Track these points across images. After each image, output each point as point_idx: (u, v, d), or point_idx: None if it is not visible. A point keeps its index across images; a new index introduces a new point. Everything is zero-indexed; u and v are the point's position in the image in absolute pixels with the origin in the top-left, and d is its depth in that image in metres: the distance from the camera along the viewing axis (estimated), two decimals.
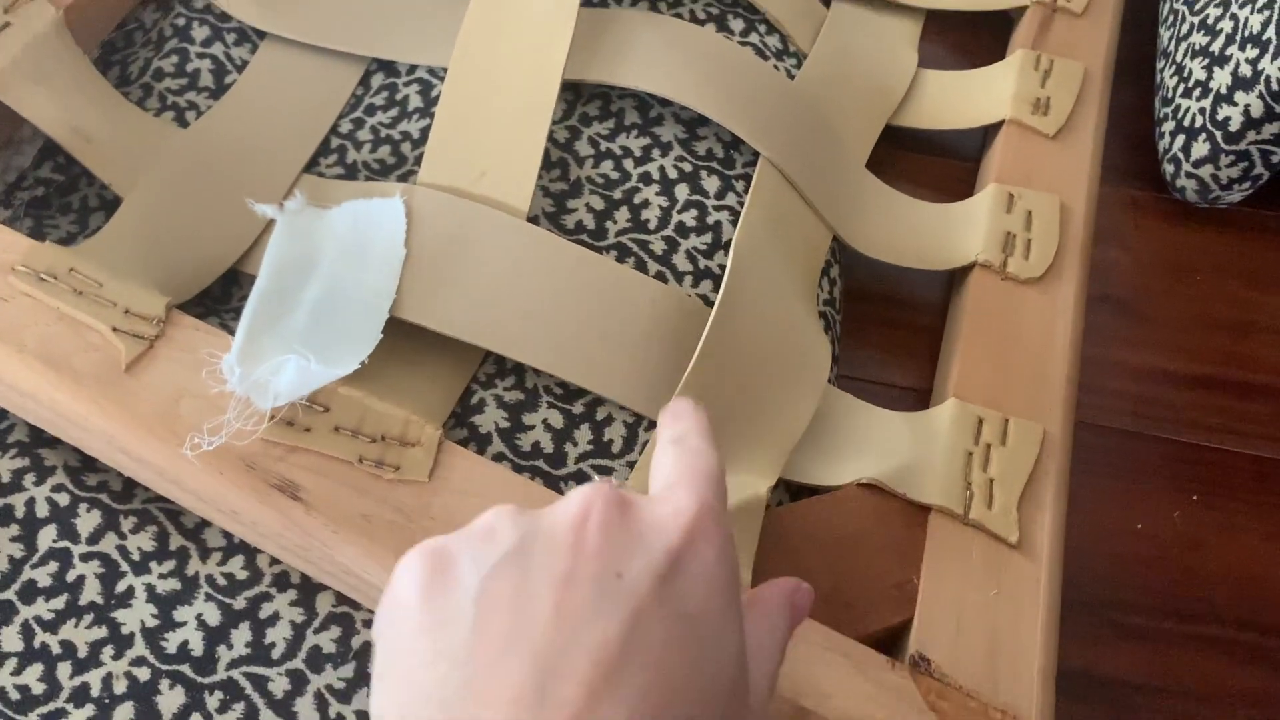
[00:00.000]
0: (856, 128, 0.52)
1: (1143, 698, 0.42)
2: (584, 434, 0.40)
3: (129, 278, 0.39)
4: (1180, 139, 0.52)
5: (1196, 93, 0.51)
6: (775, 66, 0.51)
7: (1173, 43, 0.55)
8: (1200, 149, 0.51)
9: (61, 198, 0.46)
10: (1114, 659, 0.43)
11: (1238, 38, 0.49)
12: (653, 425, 0.40)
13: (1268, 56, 0.47)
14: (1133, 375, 0.50)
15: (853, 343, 0.49)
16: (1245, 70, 0.48)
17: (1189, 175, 0.52)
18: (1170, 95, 0.53)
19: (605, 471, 0.39)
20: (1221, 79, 0.50)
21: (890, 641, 0.37)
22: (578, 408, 0.40)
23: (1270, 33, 0.47)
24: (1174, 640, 0.43)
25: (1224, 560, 0.45)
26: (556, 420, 0.40)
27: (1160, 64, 0.56)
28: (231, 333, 0.39)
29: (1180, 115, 0.52)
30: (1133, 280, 0.52)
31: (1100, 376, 0.49)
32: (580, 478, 0.39)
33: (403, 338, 0.40)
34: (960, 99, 0.54)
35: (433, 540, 0.25)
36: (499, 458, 0.39)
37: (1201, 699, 0.42)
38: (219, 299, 0.43)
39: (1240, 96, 0.49)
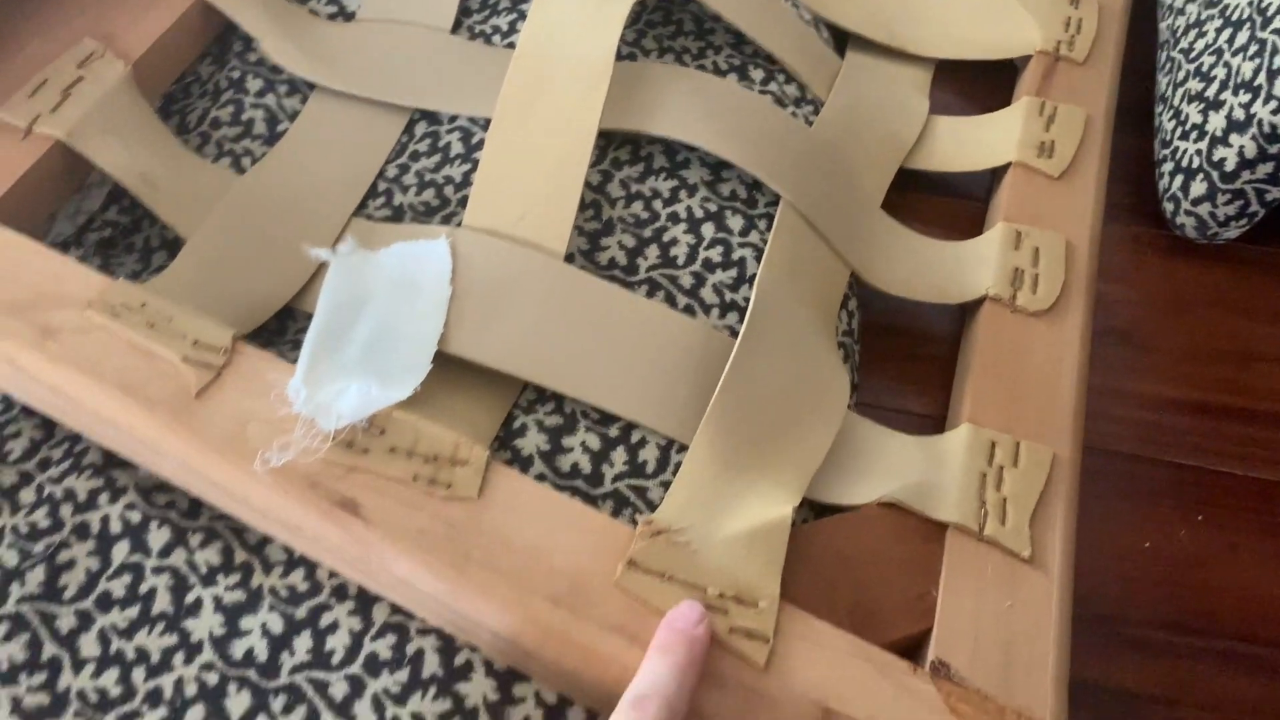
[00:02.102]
0: (871, 171, 0.55)
1: (1153, 709, 0.44)
2: (620, 455, 0.43)
3: (195, 312, 0.42)
4: (1179, 179, 0.55)
5: (1194, 135, 0.54)
6: (793, 113, 0.54)
7: (1170, 88, 0.58)
8: (1198, 188, 0.54)
9: (126, 238, 0.49)
10: (1125, 672, 0.45)
11: (1230, 84, 0.52)
12: (684, 448, 0.42)
13: (1259, 101, 0.50)
14: (1138, 403, 0.52)
15: (870, 373, 0.52)
16: (1239, 114, 0.51)
17: (1188, 213, 0.55)
18: (1169, 138, 0.56)
19: (641, 492, 0.42)
20: (1217, 122, 0.53)
21: (911, 651, 0.39)
22: (613, 431, 0.43)
23: (1261, 79, 0.50)
24: (1182, 653, 0.45)
25: (1229, 578, 0.47)
26: (594, 443, 0.43)
27: (1159, 108, 0.59)
28: (290, 363, 0.42)
29: (1179, 156, 0.55)
30: (1135, 313, 0.55)
31: (1106, 404, 0.52)
32: (618, 497, 0.42)
33: (450, 369, 0.43)
34: (969, 143, 0.57)
35: None
36: (540, 478, 0.42)
37: (1209, 709, 0.44)
38: (275, 332, 0.46)
39: (1235, 139, 0.51)
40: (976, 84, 0.62)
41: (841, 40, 0.61)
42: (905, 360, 0.53)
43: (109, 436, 0.40)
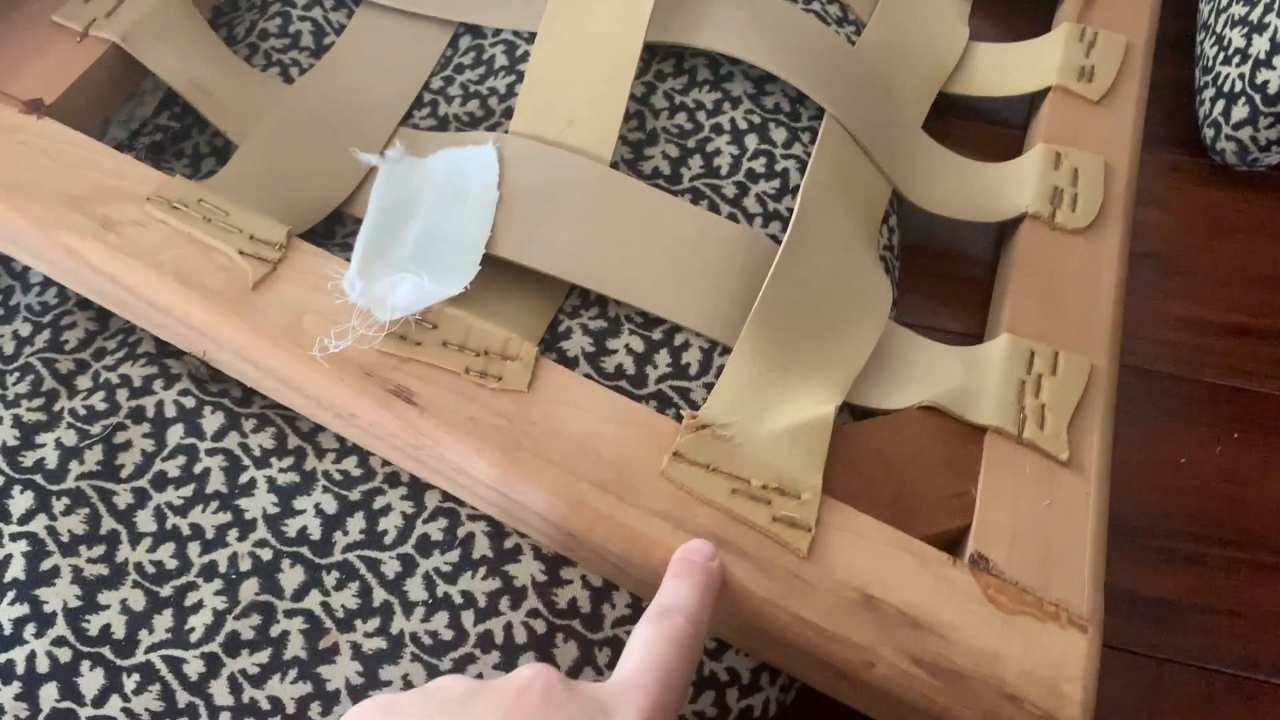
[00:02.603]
0: (912, 93, 0.55)
1: (1187, 615, 0.45)
2: (663, 358, 0.43)
3: (251, 209, 0.43)
4: (1220, 104, 0.55)
5: (1236, 59, 0.54)
6: (836, 32, 0.54)
7: (1213, 14, 0.57)
8: (1240, 112, 0.54)
9: (176, 144, 0.50)
10: (1159, 580, 0.45)
11: (1275, 5, 0.52)
12: (727, 351, 0.43)
13: None
14: (1174, 324, 0.52)
15: (908, 292, 0.52)
16: None
17: (1229, 138, 0.55)
18: (1210, 64, 0.56)
19: (683, 393, 0.43)
20: (1260, 45, 0.52)
21: (950, 546, 0.40)
22: (657, 334, 0.44)
23: None
24: (1216, 564, 0.46)
25: (1262, 493, 0.47)
26: (638, 345, 0.43)
27: (1201, 35, 0.59)
28: (344, 260, 0.43)
29: (1220, 81, 0.55)
30: (1173, 238, 0.55)
31: (1143, 325, 0.52)
32: (661, 398, 0.42)
33: (497, 272, 0.43)
34: (1009, 68, 0.57)
35: (384, 696, 0.29)
36: (586, 378, 0.42)
37: (1240, 615, 0.44)
38: (325, 235, 0.47)
39: (1278, 60, 0.51)
40: (1015, 12, 0.62)
41: None
42: (943, 280, 0.53)
43: (166, 326, 0.41)
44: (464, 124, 0.50)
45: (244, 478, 0.39)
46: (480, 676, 0.34)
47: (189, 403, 0.41)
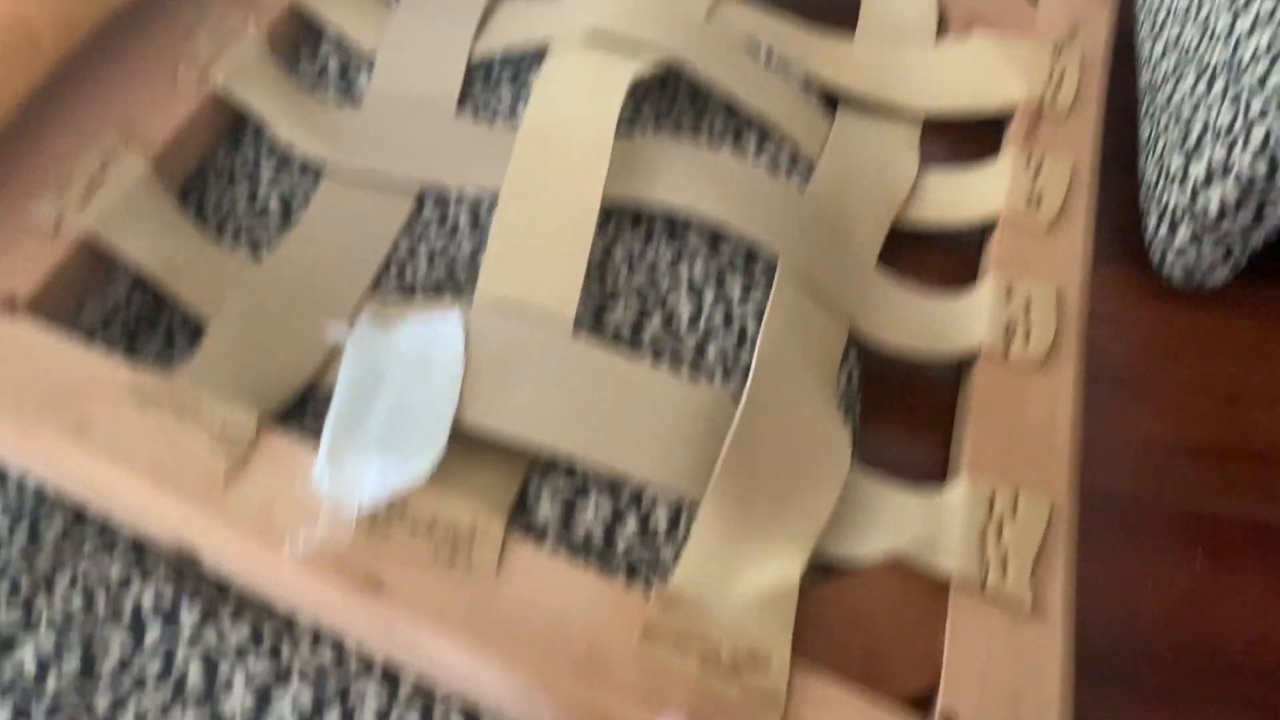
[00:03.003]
0: (865, 228, 0.56)
1: None
2: (632, 521, 0.44)
3: (221, 397, 0.44)
4: (1164, 226, 0.56)
5: (1176, 183, 0.56)
6: (788, 176, 0.56)
7: (1151, 137, 0.59)
8: (1183, 235, 0.55)
9: (150, 320, 0.51)
10: (1131, 713, 0.46)
11: (1210, 132, 0.54)
12: (694, 511, 0.44)
13: (1238, 148, 0.52)
14: (1136, 445, 0.53)
15: (871, 425, 0.53)
16: (1219, 162, 0.53)
17: (1174, 261, 0.56)
18: (1153, 185, 0.58)
19: (653, 556, 0.43)
20: (1197, 170, 0.54)
21: (923, 702, 0.41)
22: (625, 497, 0.45)
23: (1238, 127, 0.52)
24: (1187, 696, 0.46)
25: (1232, 621, 0.48)
26: (606, 509, 0.44)
27: (1142, 157, 0.60)
28: (314, 441, 0.44)
29: (1162, 203, 0.57)
30: (1129, 357, 0.57)
31: (1103, 447, 0.53)
32: (630, 563, 0.43)
33: (467, 441, 0.44)
34: (959, 197, 0.59)
35: None
36: (556, 544, 0.43)
37: None
38: (297, 411, 0.48)
39: (1215, 186, 0.53)
40: (965, 137, 0.64)
41: (832, 103, 0.63)
42: (905, 411, 0.54)
43: (141, 522, 0.42)
44: (430, 291, 0.51)
45: (222, 676, 0.40)
46: None
47: (166, 596, 0.41)
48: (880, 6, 0.66)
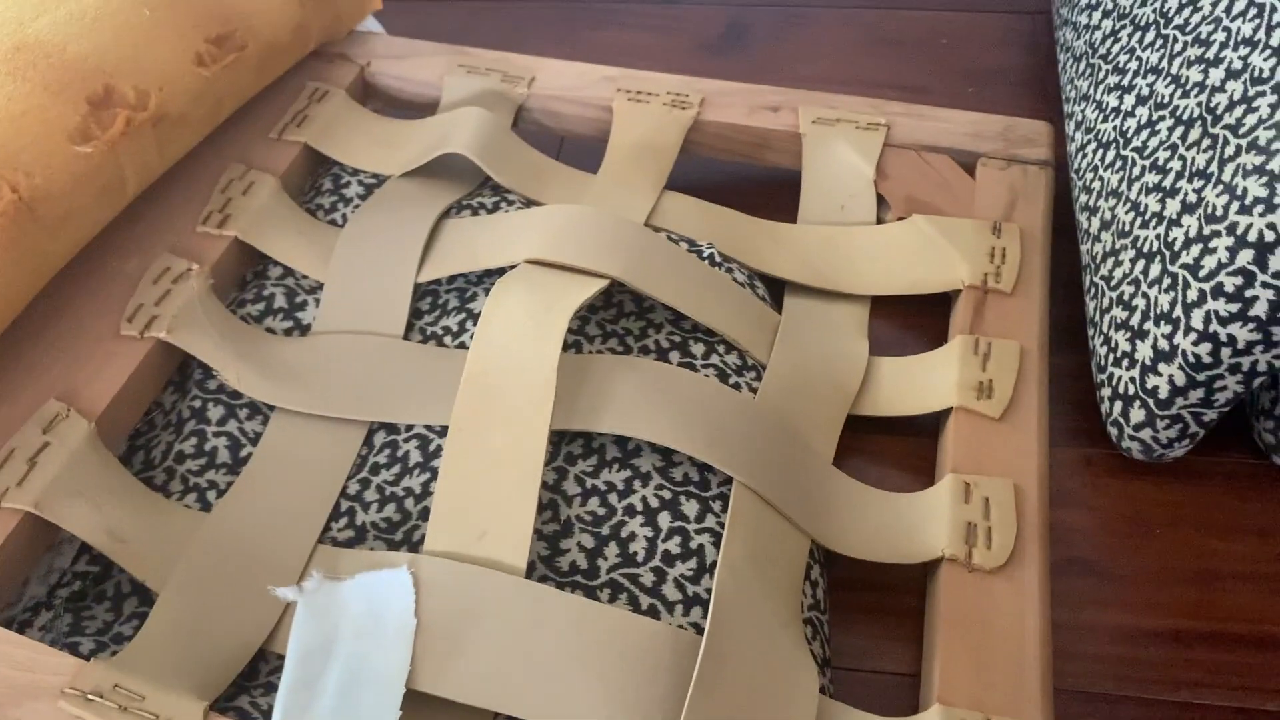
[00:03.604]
0: (820, 427, 0.56)
1: None
2: None
3: (169, 679, 0.43)
4: (1118, 405, 0.56)
5: (1125, 363, 0.56)
6: (736, 383, 0.56)
7: (1098, 314, 0.60)
8: (1137, 415, 0.55)
9: (97, 586, 0.50)
10: None
11: (1151, 314, 0.54)
12: None
13: (1180, 333, 0.52)
14: (1109, 637, 0.52)
15: (843, 631, 0.53)
16: (1163, 344, 0.53)
17: (1132, 438, 0.56)
18: (1103, 363, 0.58)
19: None
20: (1144, 351, 0.54)
21: None
22: None
23: (1178, 311, 0.52)
24: None
25: None
26: None
27: (1090, 331, 0.61)
28: (261, 715, 0.42)
29: (1115, 383, 0.57)
30: (1096, 540, 0.56)
31: (1077, 642, 0.52)
32: None
33: (418, 706, 0.43)
34: (910, 387, 0.59)
35: None
36: None
37: None
38: (247, 676, 0.47)
39: (1163, 368, 0.53)
40: (915, 314, 0.64)
41: (778, 289, 0.63)
42: (876, 615, 0.53)
43: None
44: (381, 531, 0.51)
45: None
46: None
47: None
48: (818, 193, 0.67)
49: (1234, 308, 0.50)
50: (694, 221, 0.65)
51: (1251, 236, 0.49)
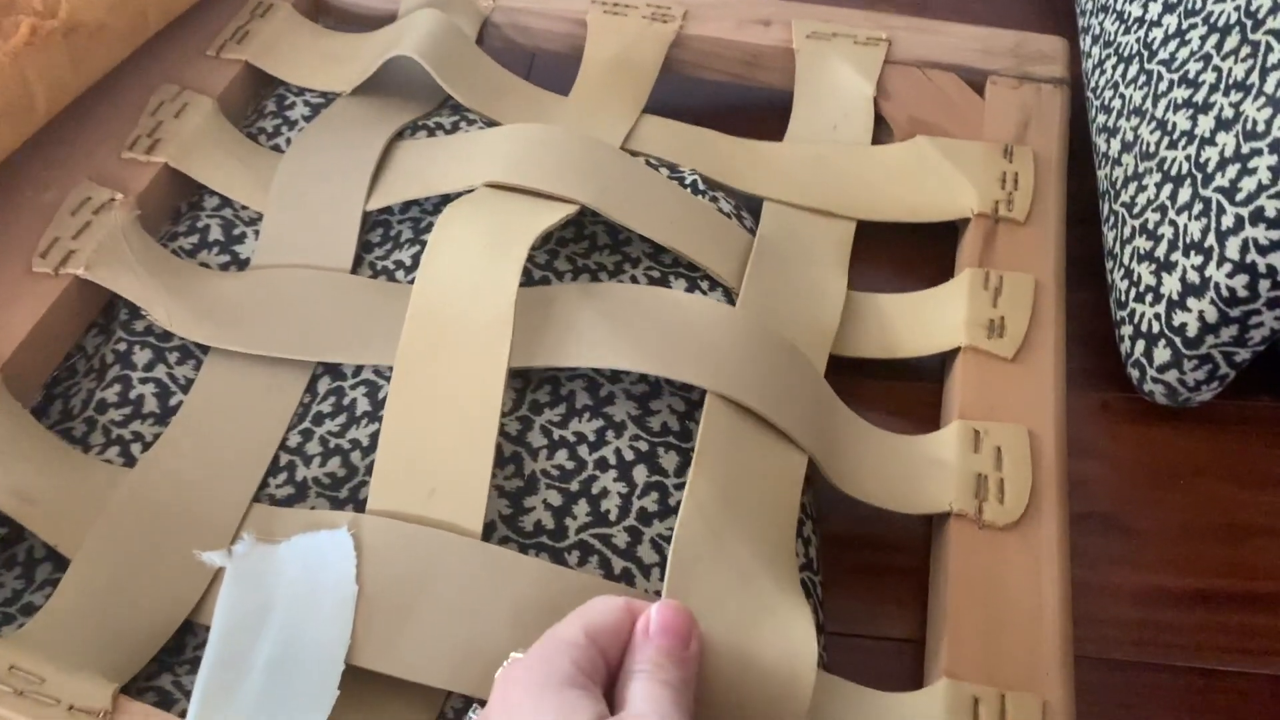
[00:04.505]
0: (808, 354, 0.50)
1: None
2: None
3: (75, 659, 0.38)
4: (1141, 344, 0.51)
5: (1149, 298, 0.51)
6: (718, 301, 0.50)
7: (1117, 244, 0.54)
8: (1162, 355, 0.50)
9: (6, 550, 0.45)
10: None
11: (1180, 244, 0.49)
12: None
13: (1213, 263, 0.47)
14: (1130, 599, 0.48)
15: (838, 594, 0.48)
16: (1193, 277, 0.48)
17: (1155, 380, 0.51)
18: (1124, 299, 0.53)
19: None
20: (1171, 285, 0.49)
21: None
22: None
23: (1211, 240, 0.47)
24: None
25: None
26: None
27: (1109, 264, 0.55)
28: (185, 695, 0.38)
29: (1137, 320, 0.52)
30: (1115, 492, 0.51)
31: (1096, 604, 0.47)
32: None
33: (362, 683, 0.38)
34: (913, 325, 0.53)
35: None
36: None
37: None
38: (172, 651, 0.41)
39: (1193, 303, 0.48)
40: (916, 250, 0.59)
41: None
42: (875, 576, 0.48)
43: None
44: (325, 487, 0.46)
45: None
46: None
47: None
48: (810, 112, 0.61)
49: (1275, 235, 0.44)
50: (675, 146, 0.59)
51: None
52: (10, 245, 0.50)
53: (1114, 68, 0.59)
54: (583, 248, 0.53)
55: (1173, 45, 0.54)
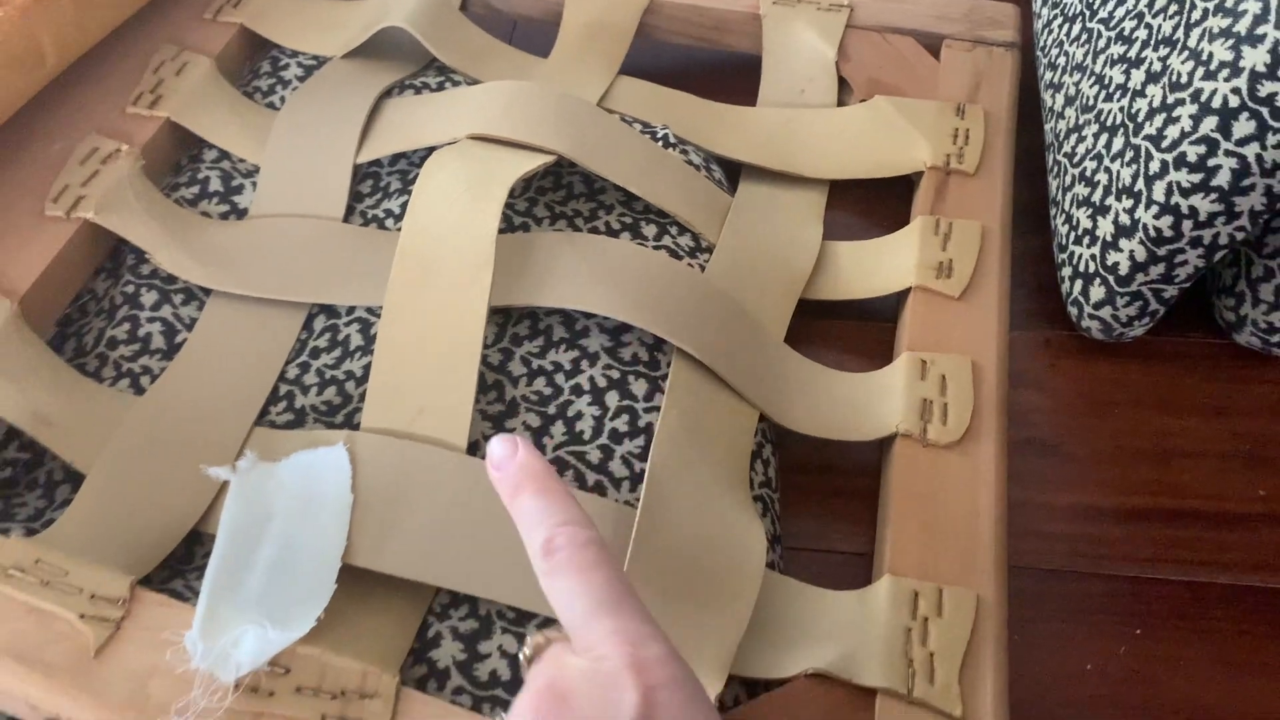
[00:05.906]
0: (771, 307, 0.54)
1: None
2: None
3: (93, 558, 0.41)
4: (1079, 284, 0.55)
5: (1086, 240, 0.55)
6: (689, 264, 0.54)
7: (1060, 192, 0.58)
8: (1097, 292, 0.54)
9: (29, 474, 0.48)
10: None
11: (1113, 189, 0.53)
12: None
13: (1141, 206, 0.51)
14: (1064, 515, 0.52)
15: (795, 514, 0.52)
16: (1125, 219, 0.52)
17: (1091, 317, 0.55)
18: (1065, 243, 0.57)
19: None
20: (1105, 228, 0.53)
21: None
22: (531, 630, 0.42)
23: (1140, 184, 0.51)
24: None
25: (1172, 693, 0.46)
26: (511, 646, 0.42)
27: (1053, 211, 0.59)
28: (195, 596, 0.41)
29: (1075, 261, 0.56)
30: (1053, 420, 0.55)
31: (1033, 520, 0.51)
32: None
33: (356, 581, 0.42)
34: (868, 269, 0.57)
35: None
36: (458, 691, 0.41)
37: None
38: (182, 559, 0.45)
39: (1124, 243, 0.52)
40: (876, 200, 0.63)
41: (735, 174, 0.61)
42: (830, 496, 0.52)
43: (9, 705, 0.39)
44: (322, 414, 0.49)
45: None
46: None
47: None
48: (778, 76, 0.65)
49: (1196, 178, 0.48)
50: (649, 105, 0.63)
51: (1215, 103, 0.47)
52: (23, 191, 0.53)
53: (1060, 27, 0.63)
54: (560, 196, 0.57)
55: (1111, 4, 0.57)
